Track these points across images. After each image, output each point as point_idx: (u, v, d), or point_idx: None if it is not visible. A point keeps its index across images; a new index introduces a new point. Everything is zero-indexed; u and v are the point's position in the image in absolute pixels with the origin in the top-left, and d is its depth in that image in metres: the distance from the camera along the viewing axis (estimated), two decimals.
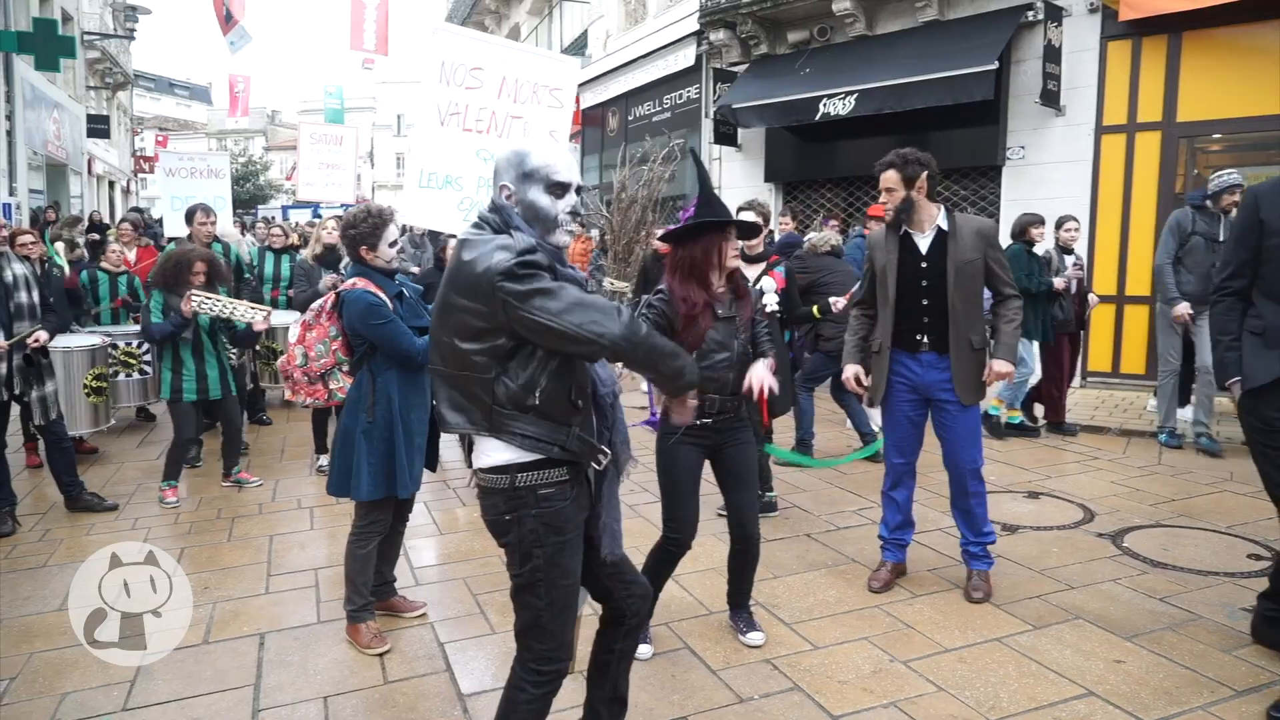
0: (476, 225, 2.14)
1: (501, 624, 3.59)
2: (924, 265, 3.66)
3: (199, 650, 3.43)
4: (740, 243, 3.23)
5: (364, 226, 3.38)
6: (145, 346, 6.65)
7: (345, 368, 3.57)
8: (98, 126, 21.80)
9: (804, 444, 6.03)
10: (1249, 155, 8.21)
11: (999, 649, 3.34)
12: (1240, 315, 3.07)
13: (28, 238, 6.01)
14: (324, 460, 5.90)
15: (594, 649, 2.50)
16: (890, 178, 3.61)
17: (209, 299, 5.19)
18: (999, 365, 3.69)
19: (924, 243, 3.67)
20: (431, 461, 3.58)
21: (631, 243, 4.72)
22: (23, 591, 4.02)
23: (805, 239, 6.72)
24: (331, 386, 3.56)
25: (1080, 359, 8.65)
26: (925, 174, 3.58)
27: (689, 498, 3.20)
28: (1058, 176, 8.70)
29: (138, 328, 6.61)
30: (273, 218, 22.19)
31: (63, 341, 5.84)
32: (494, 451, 2.11)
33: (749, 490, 3.32)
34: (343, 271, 3.50)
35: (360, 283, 3.36)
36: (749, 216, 4.22)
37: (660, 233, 4.06)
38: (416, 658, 3.37)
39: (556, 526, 2.12)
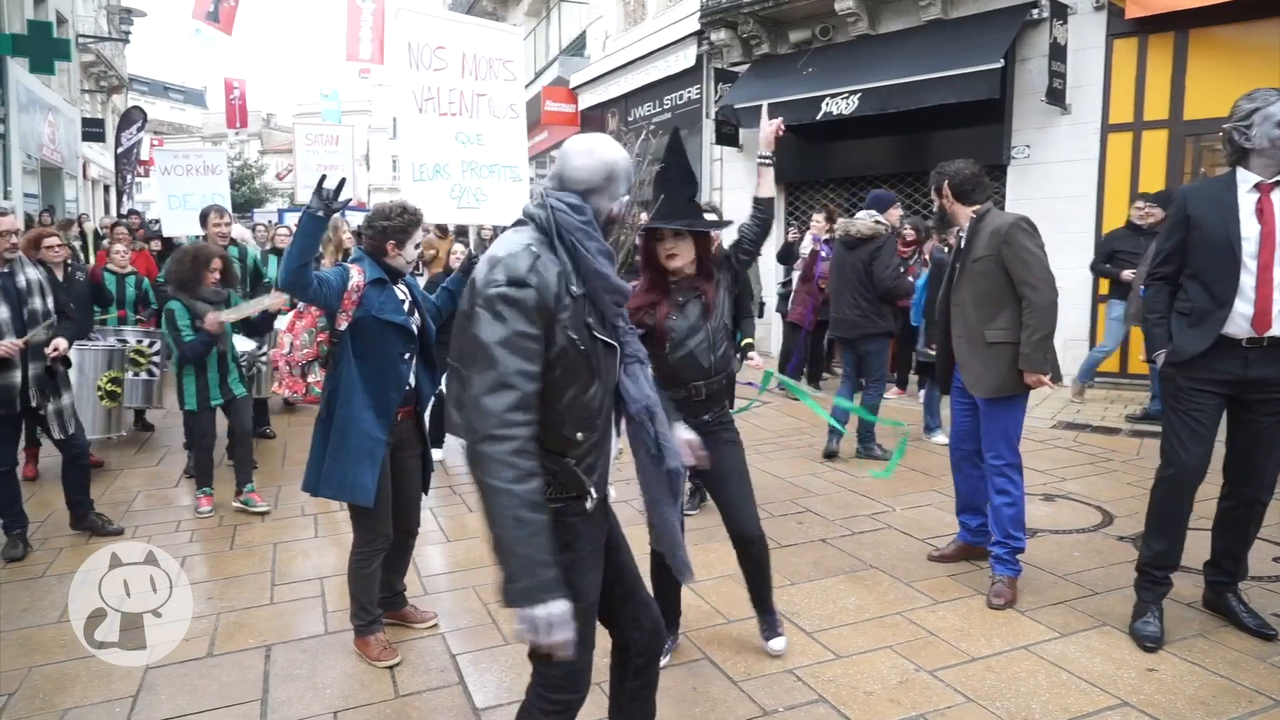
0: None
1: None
2: (957, 264, 3.88)
3: (203, 663, 3.33)
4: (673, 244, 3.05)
5: (398, 221, 3.23)
6: (156, 345, 6.43)
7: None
8: (93, 130, 21.70)
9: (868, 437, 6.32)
10: None
11: (1027, 657, 3.25)
12: (1168, 297, 3.43)
13: (54, 240, 5.91)
14: None
15: (610, 680, 2.31)
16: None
17: (229, 312, 5.11)
18: (1027, 378, 3.70)
19: (963, 243, 3.88)
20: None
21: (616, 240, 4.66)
22: (21, 602, 3.92)
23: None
24: (309, 380, 3.42)
25: None
26: (945, 181, 3.86)
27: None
28: (1064, 175, 8.63)
29: (142, 330, 6.50)
30: (270, 222, 22.03)
31: (79, 342, 5.66)
32: None
33: (743, 487, 3.18)
34: None
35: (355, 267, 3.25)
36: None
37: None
38: (428, 670, 3.27)
39: (565, 541, 1.97)
